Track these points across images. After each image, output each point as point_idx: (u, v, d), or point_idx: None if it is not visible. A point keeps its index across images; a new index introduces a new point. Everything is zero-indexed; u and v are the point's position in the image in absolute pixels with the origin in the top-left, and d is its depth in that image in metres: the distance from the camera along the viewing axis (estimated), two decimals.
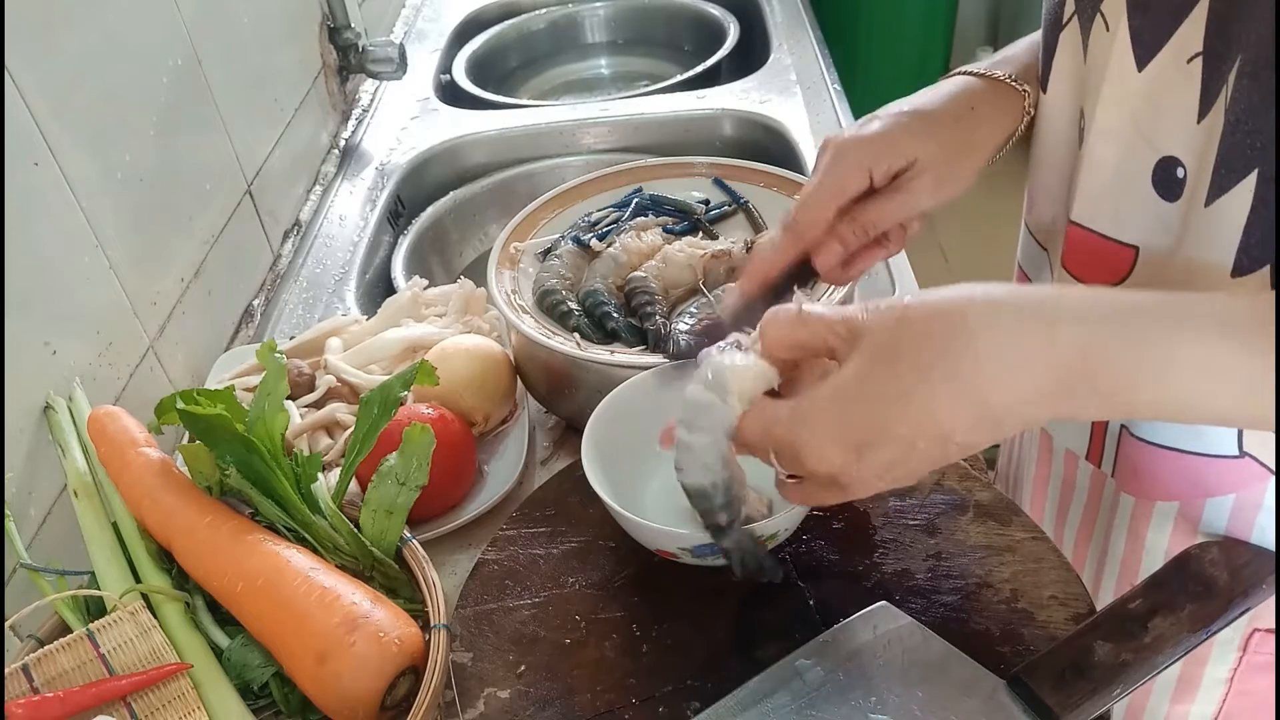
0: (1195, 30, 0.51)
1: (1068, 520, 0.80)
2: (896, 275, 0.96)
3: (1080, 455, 0.74)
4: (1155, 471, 0.66)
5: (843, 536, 0.65)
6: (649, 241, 0.82)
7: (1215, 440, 0.62)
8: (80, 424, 0.69)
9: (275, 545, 0.61)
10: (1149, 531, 0.69)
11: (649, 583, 0.64)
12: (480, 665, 0.60)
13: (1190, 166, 0.54)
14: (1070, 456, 0.75)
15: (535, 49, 1.63)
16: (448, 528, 0.74)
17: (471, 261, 1.25)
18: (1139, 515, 0.69)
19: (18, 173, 0.67)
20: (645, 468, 0.68)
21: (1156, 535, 0.69)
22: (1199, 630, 0.53)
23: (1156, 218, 0.57)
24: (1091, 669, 0.51)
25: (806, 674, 0.54)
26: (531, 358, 0.79)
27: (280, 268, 1.08)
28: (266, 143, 1.09)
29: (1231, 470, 0.62)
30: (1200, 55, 0.51)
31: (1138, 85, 0.55)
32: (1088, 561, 0.79)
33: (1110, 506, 0.73)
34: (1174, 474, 0.65)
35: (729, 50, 1.41)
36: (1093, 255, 0.62)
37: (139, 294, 0.81)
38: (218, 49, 0.97)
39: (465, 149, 1.29)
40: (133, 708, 0.57)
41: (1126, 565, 0.73)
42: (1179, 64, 0.52)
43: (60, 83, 0.73)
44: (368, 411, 0.66)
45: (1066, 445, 0.75)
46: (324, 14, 1.27)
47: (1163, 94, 0.54)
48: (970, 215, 2.92)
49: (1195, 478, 0.64)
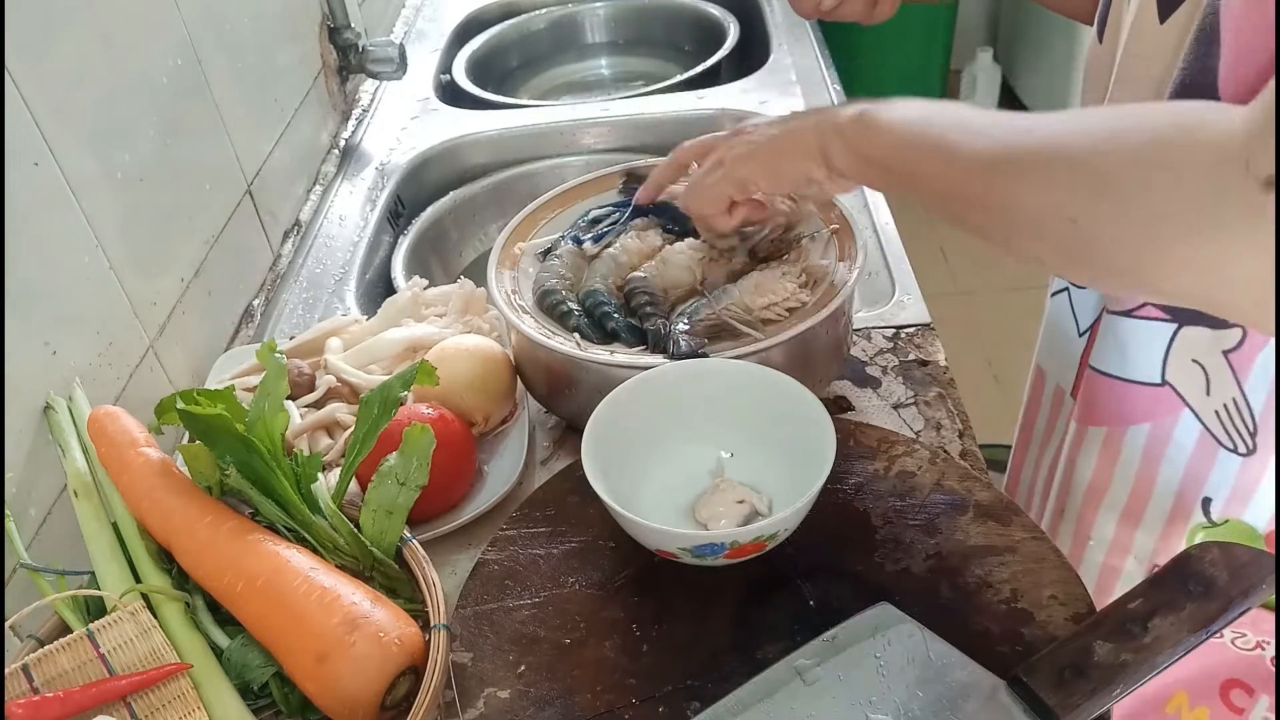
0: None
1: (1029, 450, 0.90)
2: (896, 275, 0.96)
3: (1066, 391, 0.81)
4: (1094, 397, 0.74)
5: (843, 536, 0.65)
6: (649, 242, 0.82)
7: (1142, 367, 0.69)
8: (80, 424, 0.69)
9: (275, 545, 0.61)
10: (1079, 457, 0.77)
11: (649, 583, 0.64)
12: (480, 665, 0.60)
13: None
14: (1058, 392, 0.83)
15: (535, 49, 1.63)
16: (448, 528, 0.74)
17: (471, 261, 1.25)
18: (1075, 441, 0.77)
19: (18, 173, 0.67)
20: (645, 468, 0.68)
21: (1084, 466, 0.77)
22: (1199, 630, 0.53)
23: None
24: (1091, 669, 0.51)
25: (806, 674, 0.54)
26: (531, 358, 0.79)
27: (280, 268, 1.08)
28: (266, 143, 1.09)
29: (1150, 397, 0.69)
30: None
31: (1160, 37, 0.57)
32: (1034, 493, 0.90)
33: (1061, 435, 0.81)
34: (1106, 400, 0.72)
35: (729, 50, 1.41)
36: None
37: (139, 294, 0.81)
38: (218, 49, 0.97)
39: (465, 149, 1.29)
40: (133, 708, 0.57)
41: (1059, 497, 0.82)
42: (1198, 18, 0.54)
43: (60, 83, 0.73)
44: (368, 411, 0.66)
45: (1057, 382, 0.84)
46: (324, 14, 1.27)
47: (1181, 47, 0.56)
48: None
49: (1120, 403, 0.71)
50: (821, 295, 0.74)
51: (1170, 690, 0.73)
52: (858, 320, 0.89)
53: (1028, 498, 0.92)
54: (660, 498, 0.68)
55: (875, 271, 0.97)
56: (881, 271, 0.97)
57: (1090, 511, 0.78)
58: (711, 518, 0.65)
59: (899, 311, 0.91)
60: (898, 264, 0.97)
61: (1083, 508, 0.79)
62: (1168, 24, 0.56)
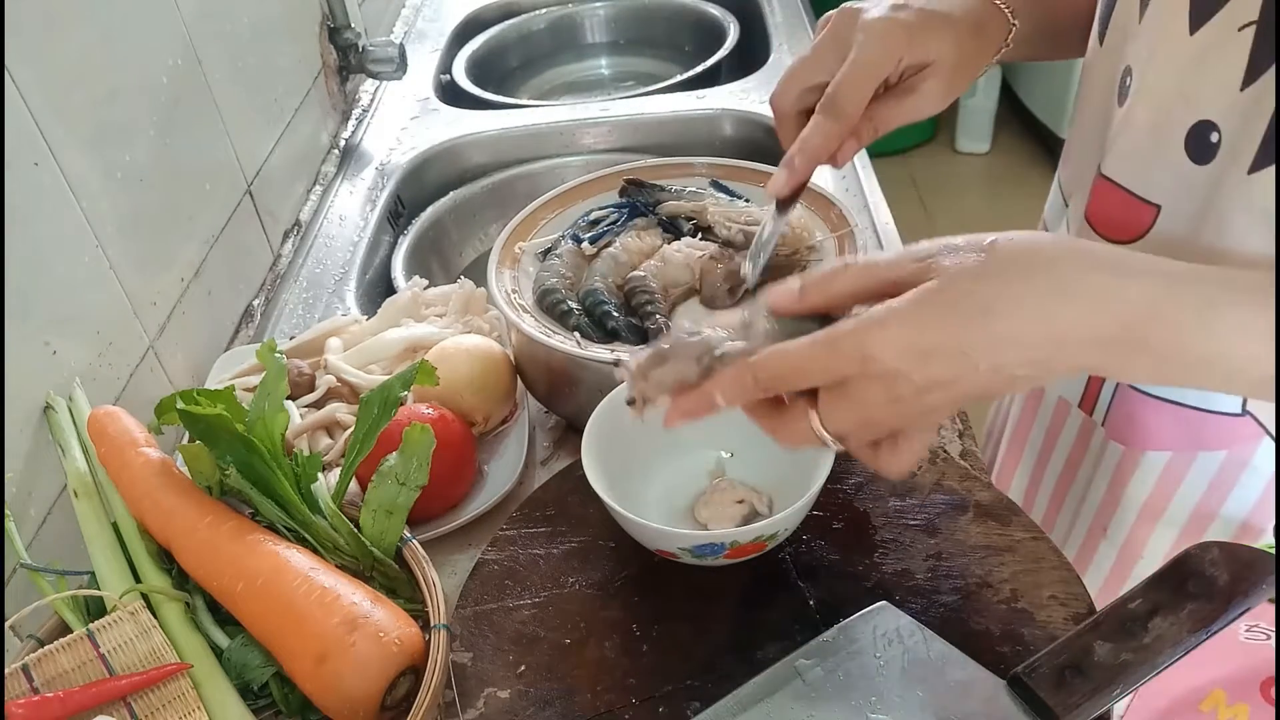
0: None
1: (1047, 470, 0.82)
2: None
3: (1073, 403, 0.75)
4: (1151, 422, 0.68)
5: (843, 536, 0.65)
6: (649, 241, 0.82)
7: (1218, 397, 0.63)
8: (80, 424, 0.69)
9: (275, 545, 0.61)
10: (1131, 482, 0.71)
11: (649, 583, 0.64)
12: (480, 665, 0.60)
13: (1227, 132, 0.55)
14: (1062, 405, 0.77)
15: (535, 49, 1.63)
16: (448, 528, 0.74)
17: (471, 261, 1.25)
18: (1125, 466, 0.71)
19: (18, 173, 0.67)
20: (645, 468, 0.68)
21: (1138, 487, 0.71)
22: (1199, 630, 0.53)
23: (1183, 179, 0.58)
24: (1091, 669, 0.51)
25: (806, 674, 0.54)
26: (532, 357, 0.79)
27: (280, 268, 1.08)
28: (266, 143, 1.09)
29: (1230, 427, 0.64)
30: (1254, 24, 0.51)
31: (1187, 48, 0.55)
32: (1062, 512, 0.82)
33: (1096, 457, 0.74)
34: (1171, 426, 0.67)
35: (729, 50, 1.41)
36: (1116, 210, 0.63)
37: (139, 294, 0.81)
38: (218, 49, 0.97)
39: (465, 149, 1.29)
40: (133, 708, 0.57)
41: (1100, 515, 0.75)
42: (1230, 30, 0.53)
43: (60, 82, 0.73)
44: (368, 411, 0.66)
45: (1060, 394, 0.76)
46: (324, 14, 1.27)
47: (1210, 58, 0.54)
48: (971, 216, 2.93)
49: (1192, 431, 0.66)
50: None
51: (1206, 689, 0.71)
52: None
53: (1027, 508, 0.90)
54: (660, 498, 0.68)
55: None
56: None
57: (1144, 529, 0.74)
58: (711, 518, 0.65)
59: None
60: None
61: (1135, 527, 0.74)
62: (1197, 35, 0.54)
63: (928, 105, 0.63)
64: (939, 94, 0.63)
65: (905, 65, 0.62)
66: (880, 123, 0.64)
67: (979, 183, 3.10)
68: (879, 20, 0.61)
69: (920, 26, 0.61)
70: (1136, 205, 0.61)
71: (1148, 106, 0.59)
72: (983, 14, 0.65)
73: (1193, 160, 0.57)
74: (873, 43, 0.61)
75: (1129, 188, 0.61)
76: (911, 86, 0.63)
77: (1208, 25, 0.54)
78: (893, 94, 0.63)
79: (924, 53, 0.62)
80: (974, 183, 3.10)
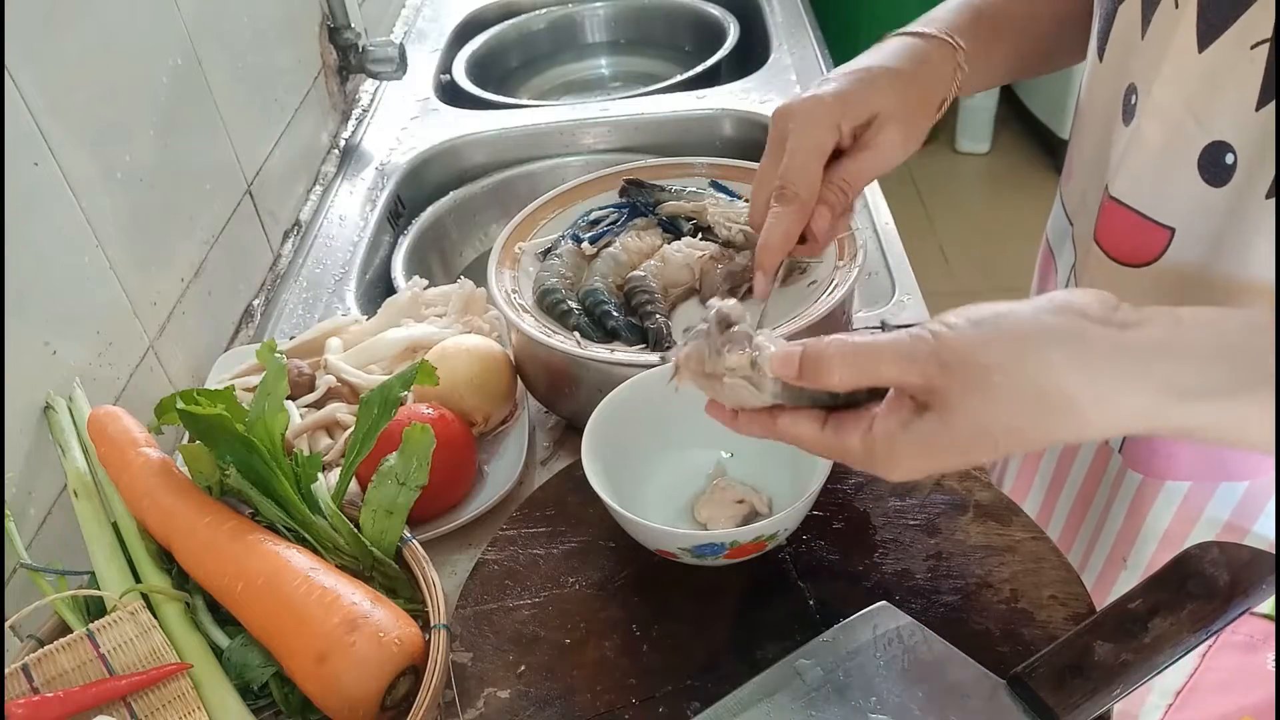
0: (1265, 15, 0.50)
1: (1061, 495, 0.80)
2: (896, 275, 0.96)
3: None
4: (1172, 452, 0.66)
5: (843, 536, 0.65)
6: (648, 241, 0.82)
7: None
8: (80, 424, 0.69)
9: (275, 545, 0.61)
10: (1150, 512, 0.69)
11: (649, 583, 0.64)
12: (480, 665, 0.60)
13: (1243, 154, 0.53)
14: None
15: (535, 49, 1.63)
16: (448, 528, 0.74)
17: (471, 261, 1.24)
18: (1144, 494, 0.69)
19: (18, 173, 0.67)
20: (645, 468, 0.68)
21: (1158, 516, 0.69)
22: (1199, 630, 0.53)
23: (1198, 202, 0.56)
24: (1091, 669, 0.51)
25: (806, 674, 0.54)
26: (532, 357, 0.79)
27: (280, 268, 1.08)
28: (266, 143, 1.09)
29: (1254, 458, 0.63)
30: (1267, 42, 0.50)
31: (1196, 66, 0.54)
32: (1078, 539, 0.80)
33: (1112, 484, 0.73)
34: (1192, 456, 0.66)
35: (729, 50, 1.41)
36: (1127, 233, 0.62)
37: (139, 294, 0.81)
38: (218, 49, 0.97)
39: (465, 149, 1.29)
40: (133, 708, 0.57)
41: (1119, 544, 0.74)
42: (1242, 48, 0.51)
43: (60, 82, 0.73)
44: (368, 411, 0.66)
45: None
46: (324, 14, 1.27)
47: (1222, 78, 0.53)
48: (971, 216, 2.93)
49: (1214, 461, 0.65)
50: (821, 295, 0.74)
51: (1235, 716, 0.70)
52: (858, 320, 0.89)
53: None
54: (660, 498, 0.68)
55: (875, 271, 0.96)
56: (881, 271, 0.96)
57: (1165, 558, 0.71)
58: (711, 518, 0.65)
59: (899, 311, 0.91)
60: (898, 264, 0.97)
61: (1156, 556, 0.72)
62: (1206, 53, 0.53)
63: (890, 154, 0.65)
64: (898, 142, 0.64)
65: (849, 128, 0.64)
66: (848, 184, 0.65)
67: (979, 183, 3.10)
68: (804, 102, 0.64)
69: (850, 88, 0.64)
70: (1149, 228, 0.59)
71: (1157, 126, 0.57)
72: (921, 51, 0.66)
73: (1207, 182, 0.55)
74: (803, 123, 0.64)
75: (1140, 210, 0.60)
76: (866, 143, 0.64)
77: (1217, 43, 0.52)
78: (850, 155, 0.65)
79: (864, 109, 0.64)
80: (974, 183, 3.10)
